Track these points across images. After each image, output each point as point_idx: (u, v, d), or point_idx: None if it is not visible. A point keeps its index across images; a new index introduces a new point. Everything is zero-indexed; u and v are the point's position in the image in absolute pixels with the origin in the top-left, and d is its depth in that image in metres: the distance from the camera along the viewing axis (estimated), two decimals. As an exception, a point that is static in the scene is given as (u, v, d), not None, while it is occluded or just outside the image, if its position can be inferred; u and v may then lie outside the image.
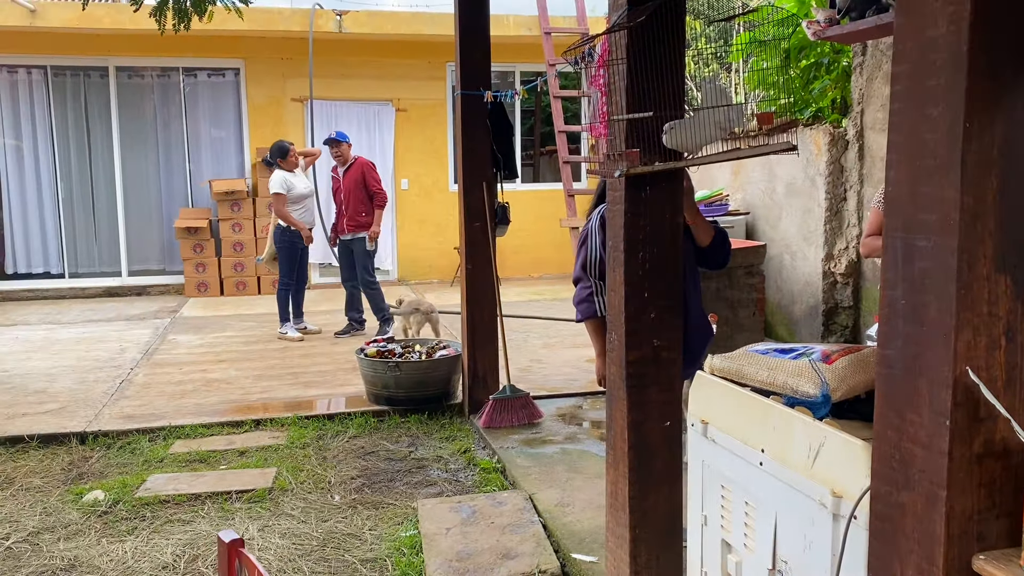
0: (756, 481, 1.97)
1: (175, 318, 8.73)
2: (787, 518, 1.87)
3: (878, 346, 1.50)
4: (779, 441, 1.89)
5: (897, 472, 1.46)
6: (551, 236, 10.60)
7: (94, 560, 3.59)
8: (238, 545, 1.77)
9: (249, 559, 1.69)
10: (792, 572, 1.86)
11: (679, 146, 2.48)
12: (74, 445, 4.99)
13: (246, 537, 3.76)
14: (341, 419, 5.34)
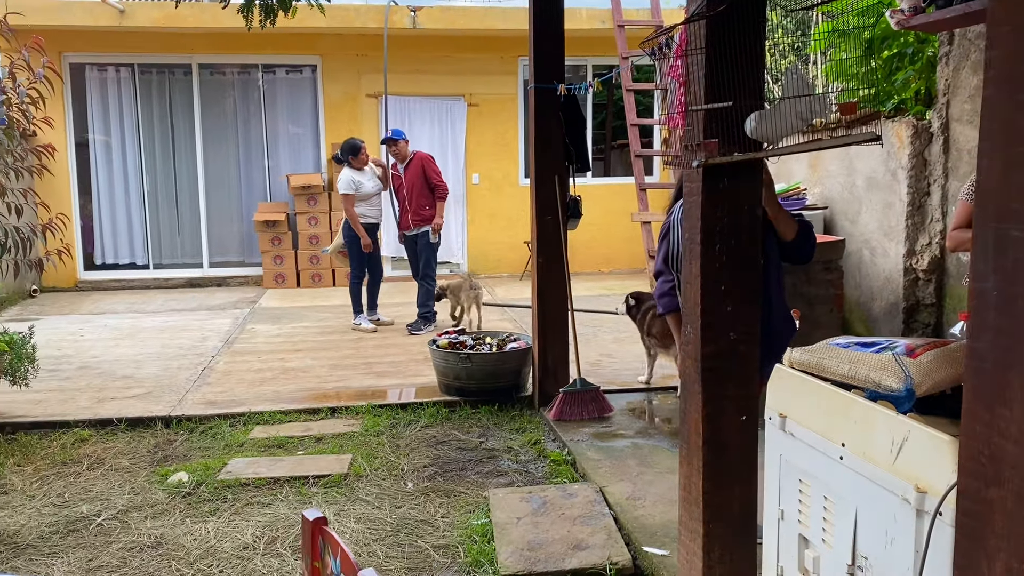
0: (836, 475, 1.94)
1: (254, 308, 8.98)
2: (868, 513, 1.83)
3: (967, 339, 1.47)
4: (861, 435, 1.86)
5: (986, 468, 1.42)
6: (622, 231, 10.55)
7: (179, 539, 3.73)
8: (321, 523, 1.82)
9: (332, 536, 1.74)
10: (872, 569, 1.83)
11: (760, 136, 2.45)
12: (159, 429, 5.19)
13: (322, 521, 3.86)
14: (413, 408, 5.42)
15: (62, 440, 4.98)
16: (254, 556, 3.56)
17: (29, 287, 9.74)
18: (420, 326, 7.55)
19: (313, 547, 1.82)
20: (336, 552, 1.70)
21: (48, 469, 4.57)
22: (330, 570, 1.73)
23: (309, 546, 1.83)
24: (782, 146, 2.45)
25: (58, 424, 5.18)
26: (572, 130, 5.11)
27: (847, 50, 6.22)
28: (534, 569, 3.27)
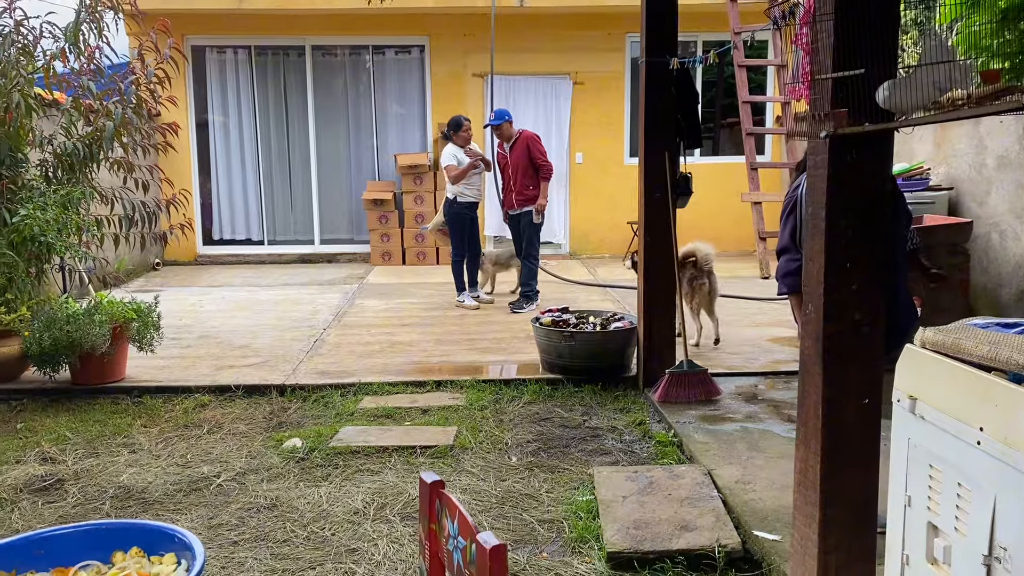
0: (972, 461, 1.84)
1: (362, 284, 9.20)
2: (1008, 501, 1.73)
3: None
4: (1001, 419, 1.76)
5: None
6: (730, 211, 10.30)
7: (293, 501, 3.87)
8: (439, 486, 1.85)
9: (449, 498, 1.76)
10: (1012, 560, 1.73)
11: (892, 106, 2.33)
12: (274, 396, 5.39)
13: (429, 491, 3.93)
14: (516, 385, 5.45)
15: (184, 404, 5.24)
16: (364, 521, 3.66)
17: (153, 260, 10.26)
18: (522, 304, 7.58)
19: (430, 509, 1.85)
20: (453, 514, 1.72)
21: (172, 431, 4.81)
22: (447, 532, 1.75)
23: (427, 508, 1.86)
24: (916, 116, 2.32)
25: (180, 389, 5.44)
26: (684, 105, 4.99)
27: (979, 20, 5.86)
28: (640, 547, 3.24)
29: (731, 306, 7.65)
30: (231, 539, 3.51)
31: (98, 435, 4.74)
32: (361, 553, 3.38)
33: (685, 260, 6.01)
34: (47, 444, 4.58)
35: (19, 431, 4.82)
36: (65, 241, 5.65)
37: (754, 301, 7.81)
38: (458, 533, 1.70)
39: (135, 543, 1.48)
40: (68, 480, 4.12)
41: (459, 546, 1.69)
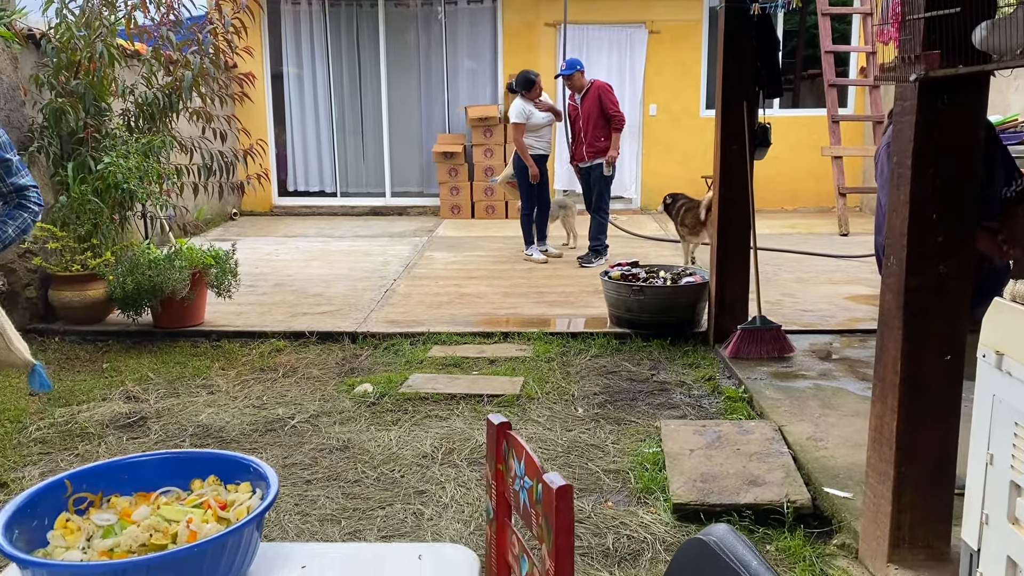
0: (1063, 420, 1.76)
1: (431, 237, 9.27)
2: (1102, 462, 1.65)
3: None
4: (1098, 377, 1.67)
5: None
6: (809, 166, 9.99)
7: (364, 444, 3.96)
8: (505, 427, 1.85)
9: (516, 439, 1.77)
10: (1102, 523, 1.66)
11: (990, 48, 2.20)
12: (346, 343, 5.50)
13: (496, 438, 3.97)
14: (583, 338, 5.44)
15: (260, 349, 5.38)
16: (432, 464, 3.72)
17: (230, 210, 10.50)
18: (591, 259, 7.53)
19: (497, 450, 1.86)
20: (520, 455, 1.73)
21: (248, 374, 4.96)
22: (514, 472, 1.76)
23: (494, 449, 1.87)
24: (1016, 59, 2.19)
25: (256, 334, 5.60)
26: (764, 52, 4.82)
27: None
28: (707, 500, 3.22)
29: (807, 263, 7.47)
30: (304, 478, 3.61)
31: (178, 376, 4.92)
32: (429, 495, 3.45)
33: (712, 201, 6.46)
34: (131, 383, 4.77)
35: (105, 371, 5.03)
36: (146, 189, 5.82)
37: (831, 258, 7.59)
38: (524, 473, 1.70)
39: (212, 472, 1.53)
40: (150, 418, 4.29)
41: (525, 486, 1.69)
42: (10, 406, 4.42)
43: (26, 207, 2.87)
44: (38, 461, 3.82)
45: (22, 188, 2.86)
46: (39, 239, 5.58)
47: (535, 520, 1.64)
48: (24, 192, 2.86)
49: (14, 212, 2.83)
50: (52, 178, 5.86)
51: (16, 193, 2.84)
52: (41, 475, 3.65)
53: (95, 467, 1.52)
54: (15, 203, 2.85)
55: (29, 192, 2.88)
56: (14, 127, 5.63)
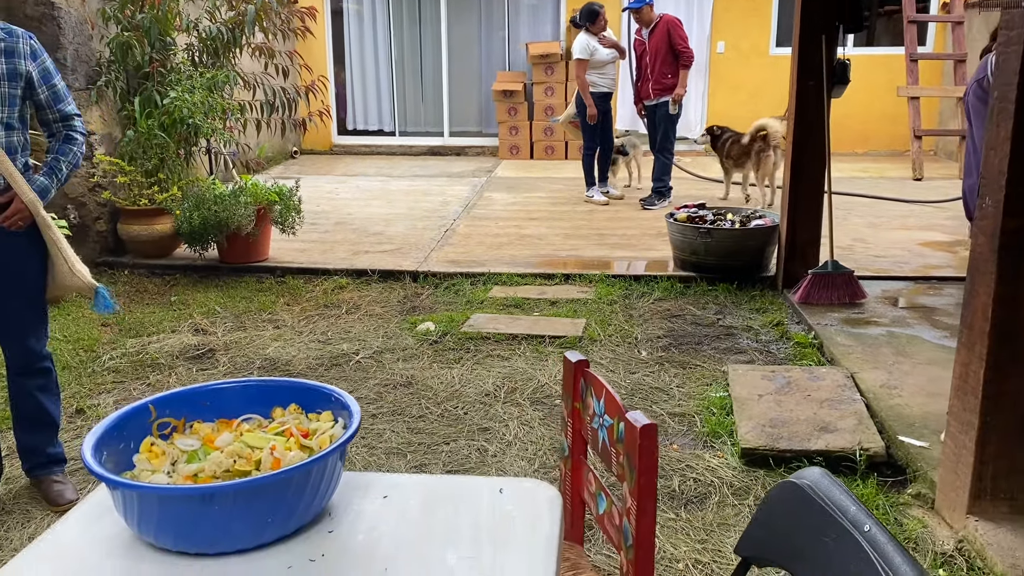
0: None
1: (490, 177, 9.19)
2: None
3: None
4: None
5: None
6: (883, 107, 9.59)
7: (427, 380, 3.98)
8: (584, 365, 1.81)
9: (595, 377, 1.73)
10: None
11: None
12: (407, 282, 5.51)
13: (557, 378, 3.95)
14: (647, 281, 5.36)
15: (323, 286, 5.42)
16: (495, 403, 3.72)
17: (290, 148, 10.55)
18: (654, 201, 7.39)
19: (574, 388, 1.83)
20: (599, 393, 1.69)
21: (312, 310, 5.00)
22: (592, 411, 1.73)
23: (570, 387, 1.84)
24: None
25: (320, 271, 5.64)
26: (846, -17, 4.58)
27: None
28: (776, 446, 3.16)
29: (879, 207, 7.22)
30: (370, 412, 3.65)
31: (244, 311, 4.99)
32: (492, 432, 3.46)
33: (757, 133, 7.03)
34: (198, 316, 4.86)
35: (173, 304, 5.13)
36: (211, 124, 5.84)
37: (904, 203, 7.32)
38: (604, 411, 1.67)
39: (294, 400, 1.52)
40: (219, 350, 4.37)
41: (605, 424, 1.66)
42: (84, 336, 4.54)
43: (73, 139, 2.81)
44: (112, 389, 3.92)
45: (68, 116, 2.81)
46: (108, 173, 5.67)
47: (615, 459, 1.61)
48: (70, 122, 2.82)
49: (64, 147, 2.79)
50: (119, 112, 5.92)
51: (63, 122, 2.80)
52: (115, 403, 3.75)
53: (178, 393, 1.52)
54: (63, 136, 2.80)
55: (75, 121, 2.83)
56: (82, 61, 5.68)
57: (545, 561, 1.27)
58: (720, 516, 2.86)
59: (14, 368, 2.88)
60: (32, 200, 2.67)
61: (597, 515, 1.74)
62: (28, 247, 2.75)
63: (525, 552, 1.30)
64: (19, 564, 1.30)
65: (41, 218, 2.72)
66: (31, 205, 2.67)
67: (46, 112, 2.78)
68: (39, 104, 2.76)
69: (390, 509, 1.42)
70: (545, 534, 1.34)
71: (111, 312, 3.02)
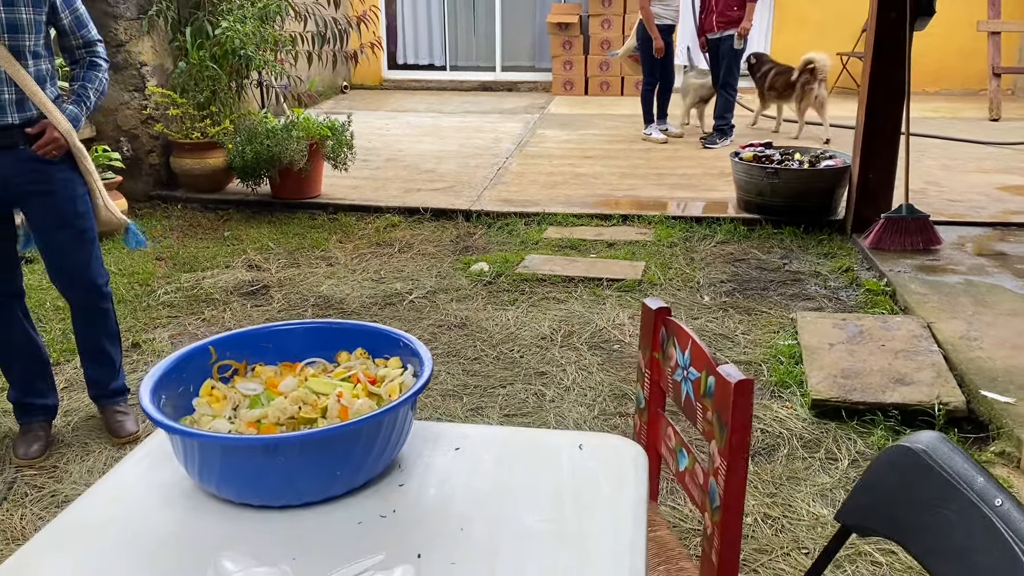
0: None
1: (543, 114, 8.96)
2: None
3: None
4: None
5: None
6: (958, 43, 9.08)
7: (481, 322, 3.89)
8: (665, 313, 1.69)
9: (679, 327, 1.60)
10: None
11: None
12: (460, 221, 5.39)
13: (616, 323, 3.83)
14: (708, 223, 5.17)
15: (376, 224, 5.34)
16: (551, 346, 3.62)
17: (340, 83, 10.40)
18: (715, 139, 7.12)
19: (654, 337, 1.70)
20: (684, 344, 1.56)
21: (365, 248, 4.93)
22: (674, 362, 1.61)
23: (649, 336, 1.72)
24: None
25: (372, 209, 5.55)
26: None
27: None
28: (849, 397, 3.02)
29: (953, 149, 6.87)
30: (424, 353, 3.57)
31: (297, 247, 4.93)
32: (550, 376, 3.36)
33: (805, 67, 7.03)
34: (252, 252, 4.82)
35: (226, 239, 5.09)
36: (263, 56, 5.72)
37: (981, 145, 6.96)
38: (689, 364, 1.54)
39: (360, 344, 1.43)
40: (272, 287, 4.32)
41: (690, 377, 1.54)
42: (139, 270, 4.53)
43: (98, 65, 2.72)
44: (167, 324, 3.90)
45: (91, 42, 2.72)
46: (160, 105, 5.60)
47: (701, 415, 1.49)
48: (93, 48, 2.72)
49: (89, 74, 2.69)
50: (171, 43, 5.82)
51: (86, 48, 2.70)
52: (170, 337, 3.73)
53: (239, 334, 1.43)
54: (86, 63, 2.71)
55: (97, 48, 2.74)
56: (133, -10, 5.58)
57: (633, 526, 1.17)
58: (790, 469, 2.74)
59: (73, 304, 2.85)
60: (68, 129, 2.60)
61: (676, 471, 1.64)
62: (70, 179, 2.68)
63: (610, 516, 1.19)
64: (82, 506, 1.25)
65: (77, 148, 2.65)
66: (67, 135, 2.59)
67: (69, 38, 2.68)
68: (61, 30, 2.66)
69: (462, 463, 1.33)
70: (632, 496, 1.24)
71: (143, 247, 2.99)
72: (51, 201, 2.65)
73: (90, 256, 2.77)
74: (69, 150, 2.63)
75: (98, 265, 2.82)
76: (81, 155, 2.67)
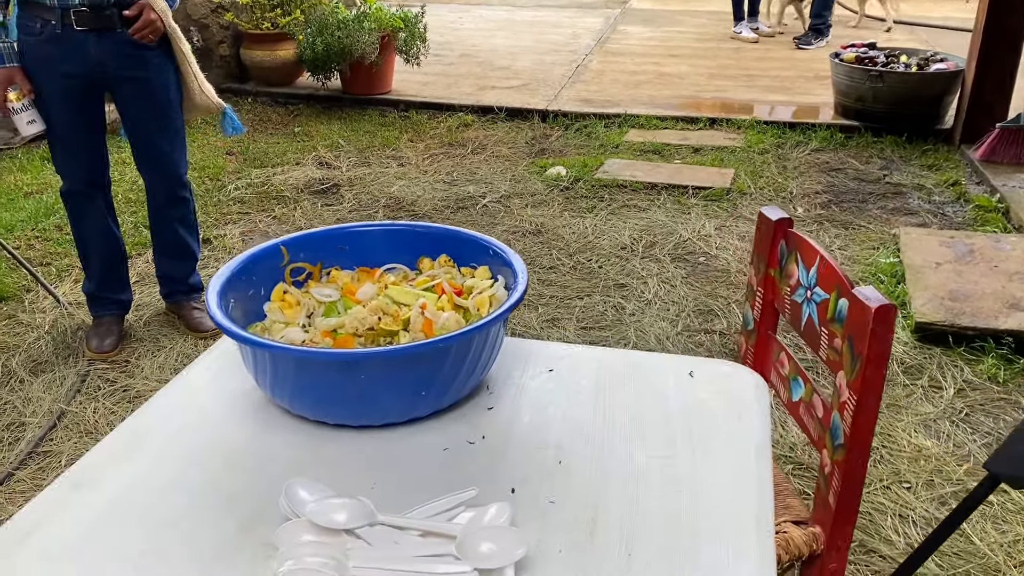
0: None
1: (624, 9, 8.51)
2: None
3: None
4: None
5: None
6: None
7: (558, 229, 3.71)
8: (786, 225, 1.49)
9: (804, 241, 1.41)
10: None
11: None
12: (536, 121, 5.16)
13: (702, 234, 3.62)
14: (802, 129, 4.84)
15: (448, 122, 5.15)
16: (632, 257, 3.44)
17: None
18: (810, 40, 6.65)
19: (771, 251, 1.51)
20: (810, 261, 1.37)
21: (437, 148, 4.76)
22: (796, 280, 1.42)
23: (766, 249, 1.53)
24: None
25: (444, 107, 5.34)
26: None
27: None
28: (957, 322, 2.79)
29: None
30: (499, 259, 3.43)
31: (368, 145, 4.79)
32: (630, 288, 3.19)
33: None
34: (322, 149, 4.69)
35: (296, 135, 4.97)
36: (333, -59, 5.47)
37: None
38: (816, 284, 1.36)
39: (444, 251, 1.29)
40: (343, 185, 4.21)
41: (815, 299, 1.35)
42: (210, 164, 4.45)
43: None
44: (237, 220, 3.83)
45: None
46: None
47: (827, 342, 1.31)
48: None
49: None
50: (241, -72, 5.60)
51: None
52: (241, 234, 3.66)
53: (313, 234, 1.29)
54: None
55: None
56: None
57: (758, 469, 1.02)
58: (890, 396, 2.55)
59: (155, 196, 2.77)
60: (164, 8, 2.47)
61: (788, 401, 1.47)
62: (162, 63, 2.56)
63: (731, 455, 1.04)
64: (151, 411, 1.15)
65: (172, 28, 2.52)
66: (163, 15, 2.46)
67: None
68: None
69: (558, 386, 1.18)
70: (755, 434, 1.08)
71: (240, 133, 2.87)
72: (144, 88, 2.55)
73: (175, 144, 2.68)
74: (165, 34, 2.50)
75: (182, 154, 2.72)
76: (176, 36, 2.54)
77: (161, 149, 2.65)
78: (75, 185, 2.62)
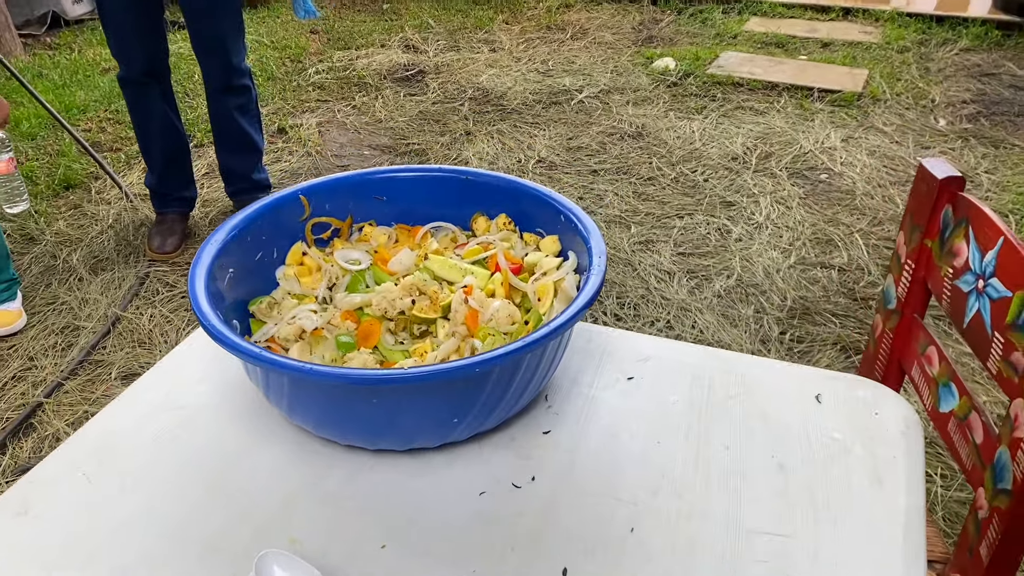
0: None
1: None
2: None
3: None
4: None
5: None
6: None
7: (661, 133, 3.34)
8: (955, 186, 1.14)
9: (982, 213, 1.06)
10: None
11: None
12: (644, 4, 4.69)
13: (826, 146, 3.19)
14: (951, 24, 4.22)
15: (547, 3, 4.73)
16: (744, 171, 3.06)
17: None
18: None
19: (931, 217, 1.17)
20: (989, 240, 1.03)
21: (533, 32, 4.36)
22: (964, 260, 1.08)
23: (926, 214, 1.18)
24: None
25: (545, -15, 4.89)
26: None
27: None
28: None
29: None
30: (590, 166, 3.11)
31: (459, 27, 4.43)
32: (739, 209, 2.83)
33: None
34: (410, 31, 4.36)
35: (384, 12, 4.64)
36: None
37: None
38: (992, 273, 1.02)
39: (505, 209, 1.00)
40: (429, 72, 3.90)
41: (988, 293, 1.02)
42: (291, 44, 4.19)
43: None
44: (315, 108, 3.59)
45: None
46: None
47: (1001, 352, 0.99)
48: None
49: None
50: None
51: None
52: (318, 124, 3.43)
53: (341, 179, 1.03)
54: None
55: None
56: None
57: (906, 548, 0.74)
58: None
59: (212, 85, 2.55)
60: None
61: (932, 409, 1.16)
62: None
63: (869, 527, 0.76)
64: (121, 409, 0.94)
65: None
66: None
67: None
68: None
69: (639, 404, 0.91)
70: (904, 497, 0.79)
71: (312, 18, 2.59)
72: None
73: (229, 30, 2.43)
74: None
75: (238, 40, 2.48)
76: None
77: (215, 33, 2.41)
78: (131, 73, 2.42)
